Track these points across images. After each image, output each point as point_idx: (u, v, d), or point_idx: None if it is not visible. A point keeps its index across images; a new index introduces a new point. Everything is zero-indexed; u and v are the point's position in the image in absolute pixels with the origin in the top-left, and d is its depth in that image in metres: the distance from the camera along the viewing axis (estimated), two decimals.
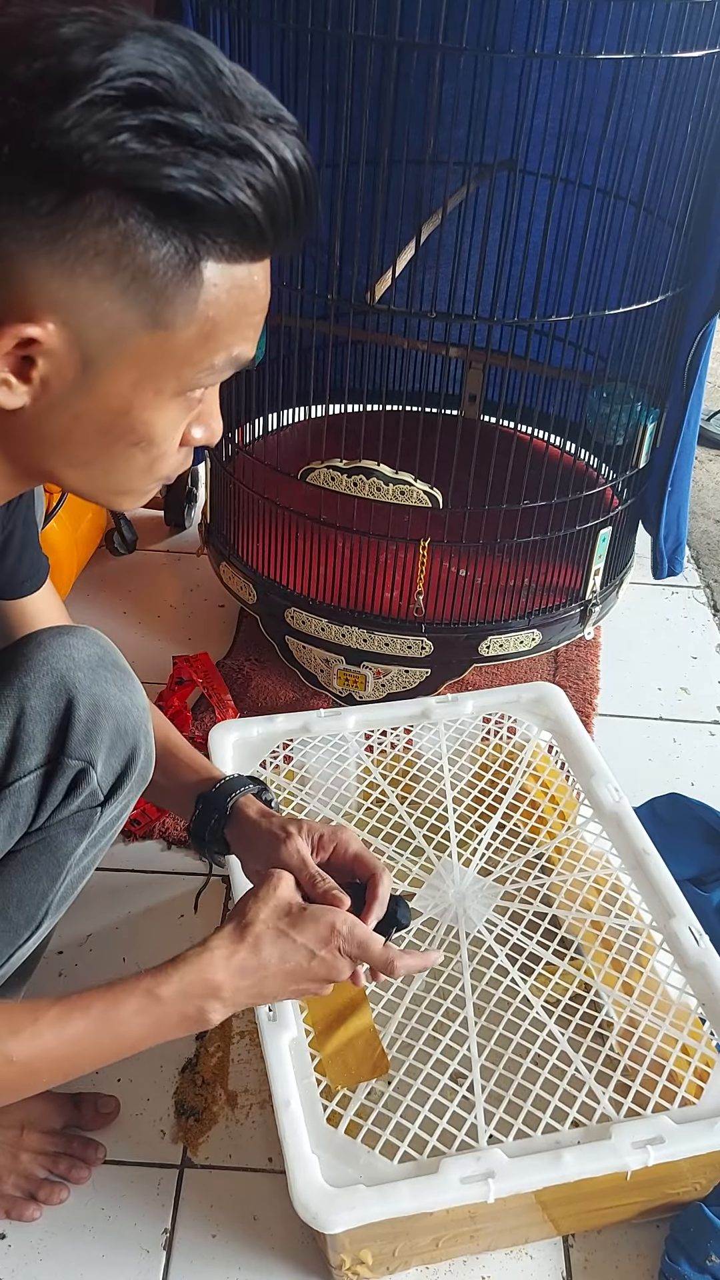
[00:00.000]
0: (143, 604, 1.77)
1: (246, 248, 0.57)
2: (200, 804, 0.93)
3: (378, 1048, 0.96)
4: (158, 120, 0.52)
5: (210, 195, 0.53)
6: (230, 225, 0.55)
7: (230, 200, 0.54)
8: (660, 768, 1.53)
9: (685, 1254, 0.95)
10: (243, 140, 0.54)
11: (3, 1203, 0.97)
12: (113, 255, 0.54)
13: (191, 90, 0.53)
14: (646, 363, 1.45)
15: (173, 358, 0.59)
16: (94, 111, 0.51)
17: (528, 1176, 0.84)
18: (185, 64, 0.53)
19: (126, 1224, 0.98)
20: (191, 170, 0.53)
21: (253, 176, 0.54)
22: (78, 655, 0.81)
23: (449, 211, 1.34)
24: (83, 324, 0.56)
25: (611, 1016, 0.99)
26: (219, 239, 0.56)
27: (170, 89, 0.52)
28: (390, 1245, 0.90)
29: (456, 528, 1.42)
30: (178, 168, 0.52)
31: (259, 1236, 0.98)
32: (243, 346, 0.61)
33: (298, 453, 1.55)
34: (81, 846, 0.85)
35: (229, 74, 0.55)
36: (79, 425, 0.60)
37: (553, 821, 1.18)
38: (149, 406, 0.61)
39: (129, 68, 0.51)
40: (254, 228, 0.56)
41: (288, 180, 0.56)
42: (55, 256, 0.54)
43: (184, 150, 0.52)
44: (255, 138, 0.54)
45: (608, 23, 1.16)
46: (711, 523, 2.17)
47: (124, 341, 0.57)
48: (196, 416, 0.65)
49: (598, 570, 1.53)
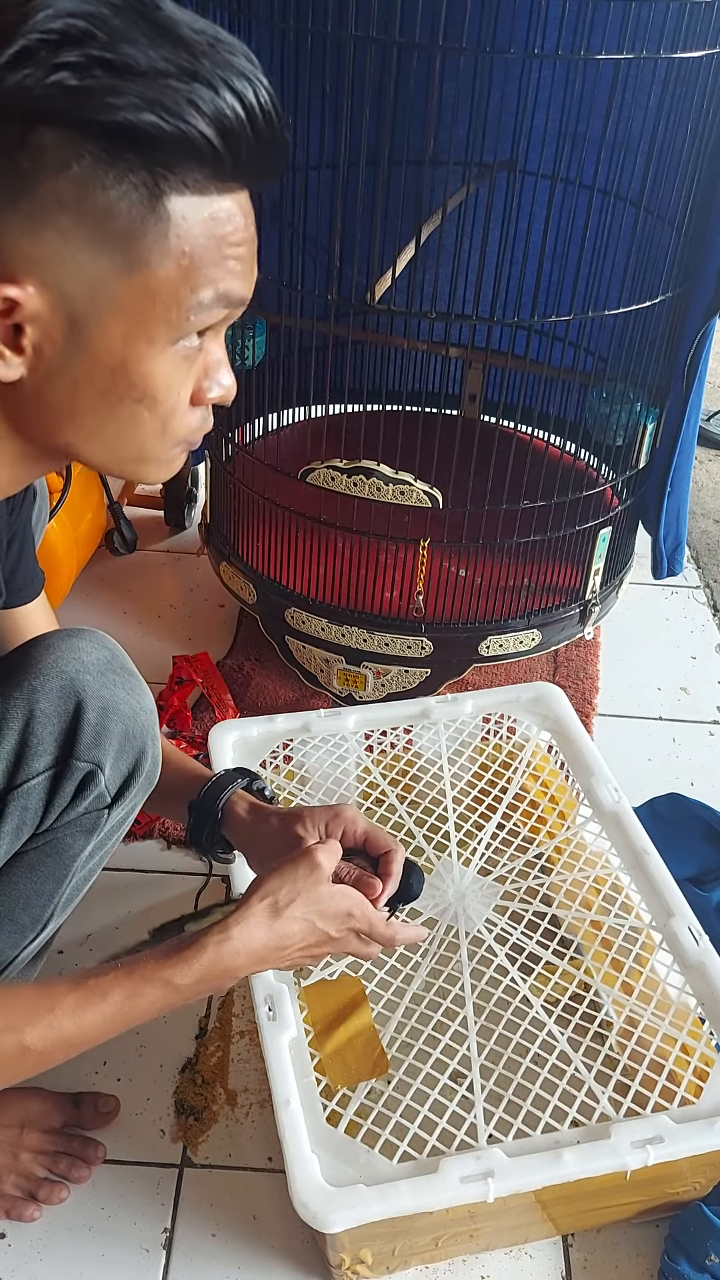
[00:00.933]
0: (143, 604, 1.77)
1: (208, 175, 0.56)
2: (192, 811, 0.93)
3: (377, 1047, 0.96)
4: (92, 55, 0.51)
5: (155, 119, 0.52)
6: (183, 151, 0.54)
7: (178, 125, 0.53)
8: (660, 768, 1.53)
9: (685, 1253, 0.95)
10: (183, 64, 0.53)
11: (3, 1202, 0.97)
12: (74, 202, 0.54)
13: (125, 24, 0.52)
14: (646, 363, 1.45)
15: (157, 301, 0.57)
16: (29, 57, 0.50)
17: (527, 1176, 0.84)
18: (120, 12, 0.52)
19: (126, 1223, 0.98)
20: (133, 98, 0.52)
21: (197, 97, 0.53)
22: (87, 659, 0.81)
23: (449, 211, 1.34)
24: (61, 281, 0.55)
25: (611, 1016, 0.99)
26: (176, 169, 0.54)
27: (104, 25, 0.51)
28: (390, 1244, 0.91)
29: (456, 528, 1.42)
30: (118, 96, 0.51)
31: (259, 1236, 0.98)
32: (230, 281, 0.60)
33: (298, 453, 1.55)
34: (88, 848, 0.86)
35: (164, 5, 0.54)
36: (80, 391, 0.60)
37: (552, 821, 1.18)
38: (144, 357, 0.59)
39: (58, 9, 0.50)
40: (209, 151, 0.54)
41: (238, 99, 0.54)
42: (21, 213, 0.53)
43: (122, 80, 0.51)
44: (196, 59, 0.53)
45: (608, 23, 1.16)
46: (711, 523, 2.17)
47: (104, 292, 0.56)
48: (204, 371, 0.63)
49: (597, 570, 1.53)
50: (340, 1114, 0.89)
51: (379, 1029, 0.97)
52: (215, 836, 0.93)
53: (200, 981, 0.75)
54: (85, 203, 0.54)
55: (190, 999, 0.76)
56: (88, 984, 0.73)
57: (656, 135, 1.28)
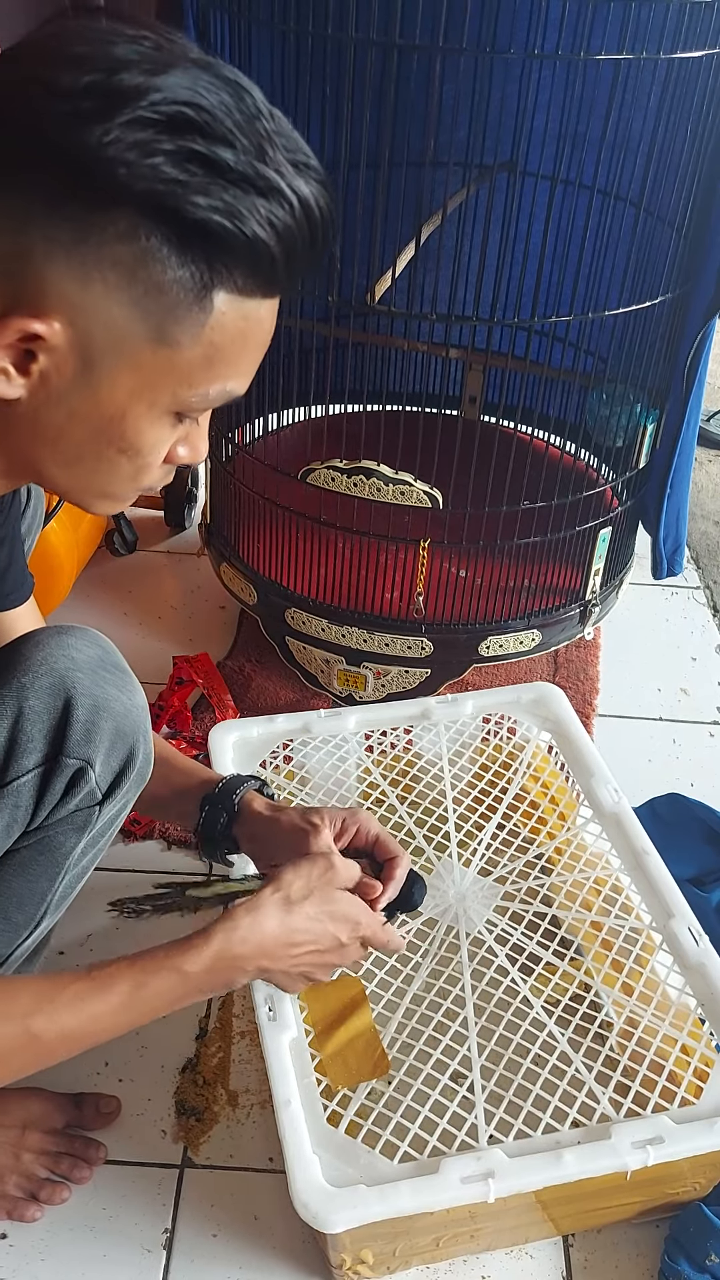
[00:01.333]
0: (143, 605, 1.77)
1: (259, 283, 0.60)
2: (206, 805, 0.95)
3: (378, 1048, 0.96)
4: (193, 149, 0.54)
5: (231, 227, 0.56)
6: (246, 259, 0.57)
7: (250, 235, 0.56)
8: (660, 768, 1.53)
9: (685, 1253, 0.95)
10: (270, 180, 0.56)
11: (4, 1203, 0.97)
12: (130, 268, 0.56)
13: (229, 125, 0.55)
14: (646, 363, 1.45)
15: (171, 375, 0.61)
16: (134, 131, 0.53)
17: (528, 1176, 0.84)
18: (227, 100, 0.55)
19: (127, 1223, 0.98)
20: (217, 201, 0.55)
21: (274, 215, 0.57)
22: (78, 655, 0.81)
23: (449, 213, 1.34)
24: (90, 327, 0.57)
25: (611, 1017, 0.99)
26: (234, 271, 0.58)
27: (209, 122, 0.54)
28: (391, 1245, 0.91)
29: (456, 528, 1.42)
30: (205, 197, 0.55)
31: (259, 1236, 0.98)
32: (237, 381, 0.64)
33: (298, 453, 1.55)
34: (80, 846, 0.86)
35: (266, 114, 0.57)
36: (72, 424, 0.62)
37: (553, 822, 1.18)
38: (142, 417, 0.62)
39: (174, 95, 0.53)
40: (268, 264, 0.58)
41: (307, 223, 0.59)
42: (75, 259, 0.55)
43: (213, 181, 0.55)
44: (282, 178, 0.57)
45: (608, 23, 1.16)
46: (711, 524, 2.17)
47: (127, 350, 0.59)
48: (185, 437, 0.67)
49: (597, 571, 1.53)
50: (341, 1114, 0.90)
51: (379, 1029, 0.97)
52: (226, 833, 0.94)
53: (209, 971, 0.76)
54: (140, 272, 0.56)
55: (199, 991, 0.77)
56: (95, 975, 0.74)
57: (656, 136, 1.28)
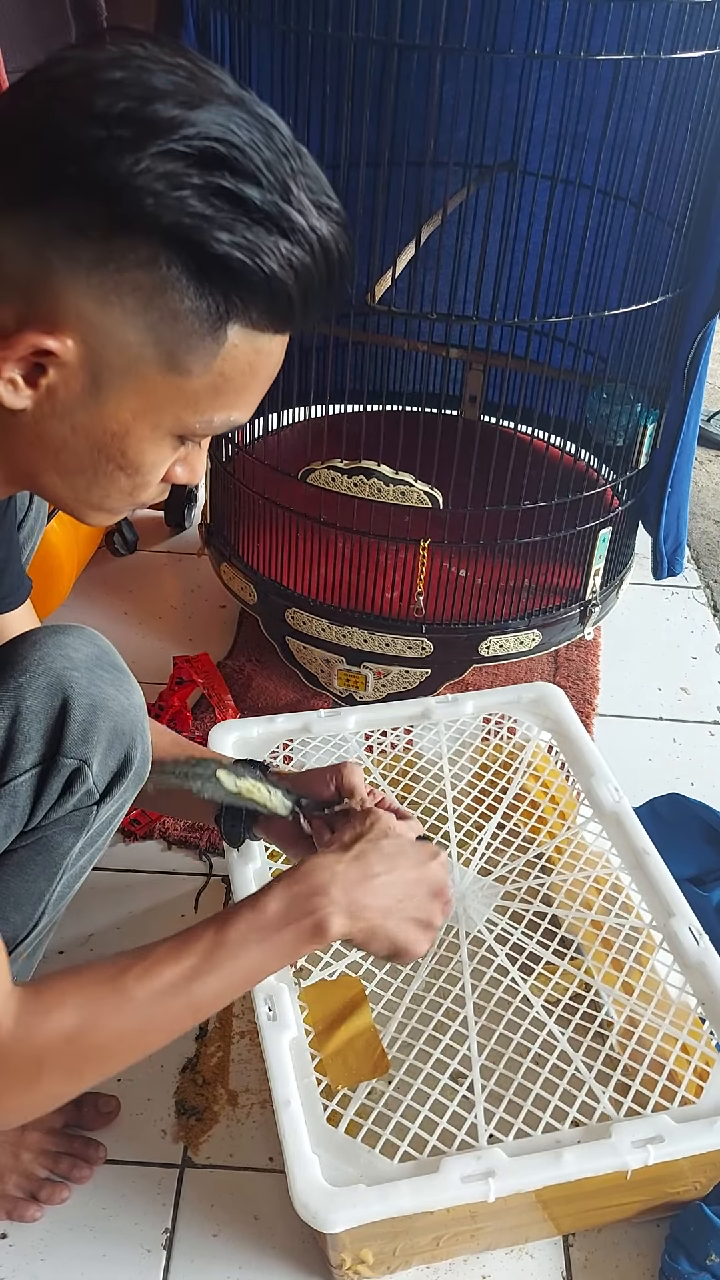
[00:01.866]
0: (143, 605, 1.77)
1: (274, 319, 0.60)
2: None
3: (378, 1047, 0.96)
4: (220, 185, 0.55)
5: (251, 264, 0.57)
6: (264, 296, 0.58)
7: (269, 272, 0.57)
8: (660, 768, 1.53)
9: (685, 1253, 0.95)
10: (292, 220, 0.57)
11: (4, 1203, 0.97)
12: (148, 295, 0.57)
13: (258, 163, 0.56)
14: (646, 363, 1.45)
15: (178, 401, 0.62)
16: (165, 162, 0.54)
17: (528, 1175, 0.84)
18: (258, 138, 0.56)
19: (127, 1223, 0.98)
20: (240, 238, 0.56)
21: (294, 256, 0.58)
22: (75, 655, 0.81)
23: (449, 213, 1.34)
24: (102, 348, 0.58)
25: (611, 1016, 0.99)
26: (250, 306, 0.59)
27: (239, 158, 0.55)
28: (391, 1244, 0.91)
29: (457, 528, 1.42)
30: (228, 233, 0.56)
31: (260, 1236, 0.98)
32: (241, 411, 0.65)
33: (298, 453, 1.55)
34: (78, 846, 0.86)
35: (293, 152, 0.58)
36: (75, 437, 0.62)
37: (553, 821, 1.18)
38: (145, 438, 0.63)
39: (206, 131, 0.54)
40: (285, 303, 0.59)
41: (326, 265, 0.60)
42: (94, 280, 0.56)
43: (238, 218, 0.56)
44: (304, 219, 0.58)
45: (608, 23, 1.16)
46: (711, 523, 2.17)
47: (137, 373, 0.60)
48: (184, 458, 0.68)
49: (598, 570, 1.53)
50: (341, 1114, 0.89)
51: (379, 1029, 0.97)
52: (251, 812, 0.95)
53: (289, 902, 0.75)
54: (158, 299, 0.57)
55: (291, 935, 0.75)
56: (174, 937, 0.74)
57: (656, 135, 1.28)
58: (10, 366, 0.58)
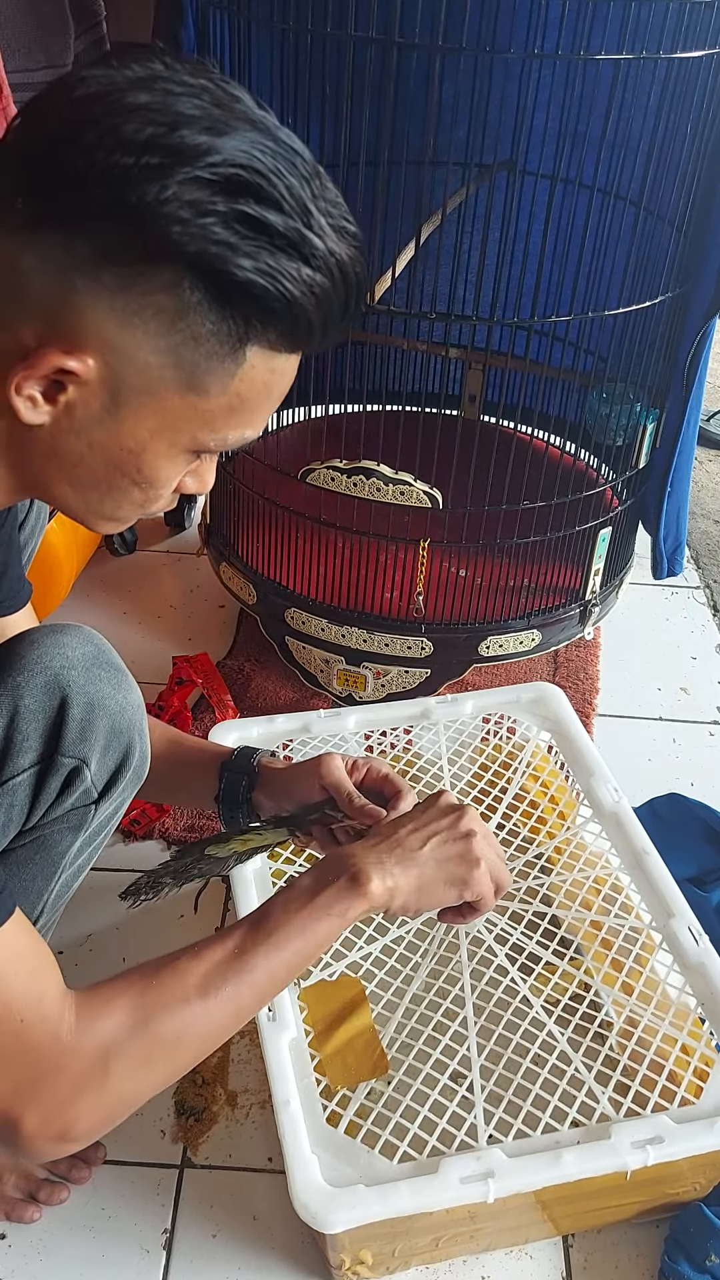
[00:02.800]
0: (143, 604, 1.77)
1: (292, 341, 0.61)
2: (225, 773, 0.96)
3: (377, 1047, 0.96)
4: (245, 211, 0.56)
5: (274, 290, 0.58)
6: (284, 320, 0.59)
7: (290, 298, 0.58)
8: (660, 768, 1.53)
9: (685, 1253, 0.95)
10: (313, 246, 0.58)
11: (3, 1204, 0.97)
12: (170, 319, 0.58)
13: (280, 190, 0.57)
14: (646, 363, 1.45)
15: (195, 420, 0.62)
16: (191, 190, 0.55)
17: (527, 1176, 0.84)
18: (281, 164, 0.57)
19: (127, 1224, 0.98)
20: (263, 265, 0.57)
21: (314, 281, 0.59)
22: (72, 654, 0.81)
23: (449, 212, 1.34)
24: (123, 368, 0.59)
25: (611, 1016, 0.99)
26: (270, 328, 0.60)
27: (262, 185, 0.56)
28: (390, 1245, 0.91)
29: (456, 528, 1.42)
30: (251, 259, 0.56)
31: (259, 1236, 0.98)
32: (255, 428, 0.66)
33: (298, 453, 1.55)
34: (76, 845, 0.86)
35: (313, 178, 0.59)
36: (92, 453, 0.63)
37: (552, 821, 1.18)
38: (160, 455, 0.64)
39: (231, 158, 0.55)
40: (304, 326, 0.60)
41: (345, 290, 0.61)
42: (117, 304, 0.57)
43: (260, 245, 0.57)
44: (324, 243, 0.59)
45: (608, 23, 1.16)
46: (711, 523, 2.17)
47: (156, 393, 0.60)
48: (194, 469, 0.69)
49: (597, 570, 1.53)
50: (340, 1114, 0.89)
51: (379, 1029, 0.97)
52: (247, 797, 0.96)
53: (321, 873, 0.77)
54: (180, 322, 0.58)
55: (331, 897, 0.76)
56: (218, 934, 0.74)
57: (656, 135, 1.28)
58: (31, 384, 0.59)
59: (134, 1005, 0.69)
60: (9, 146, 0.58)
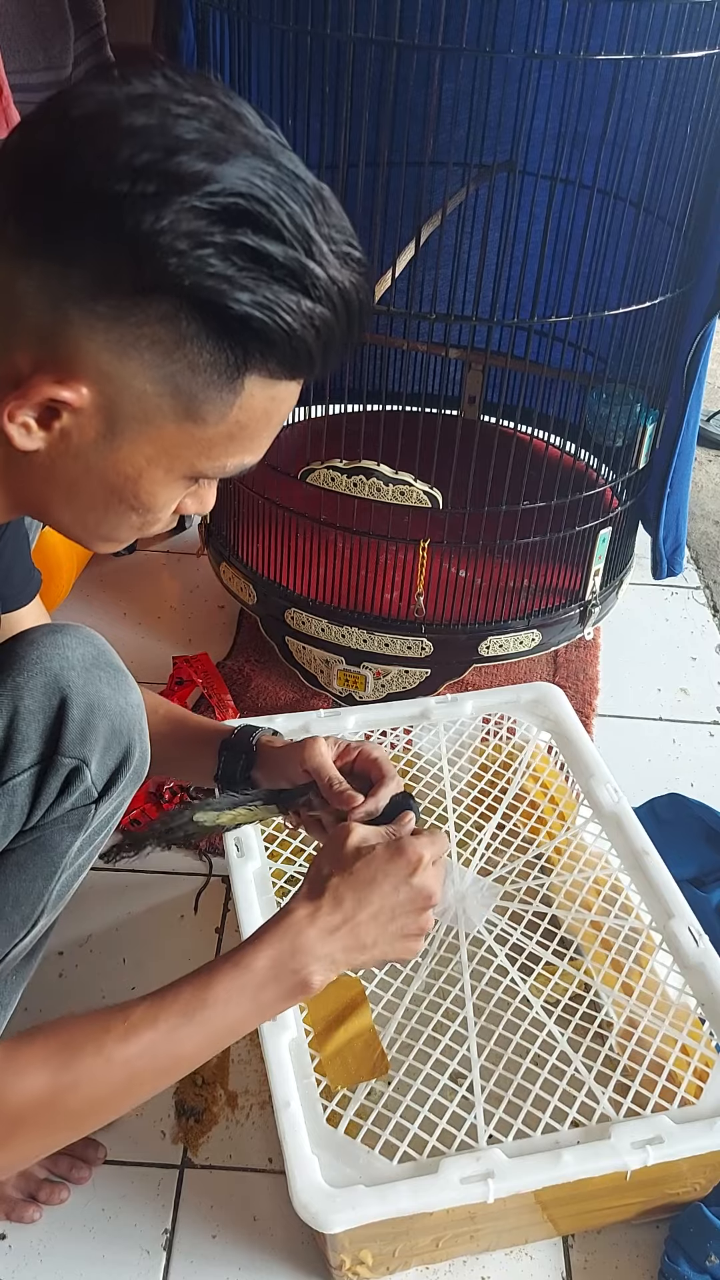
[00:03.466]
0: (143, 605, 1.77)
1: (292, 370, 0.61)
2: (225, 751, 0.95)
3: (377, 1048, 0.96)
4: (243, 242, 0.55)
5: (272, 323, 0.57)
6: (283, 351, 0.58)
7: (288, 330, 0.57)
8: (660, 768, 1.53)
9: (685, 1254, 0.95)
10: (314, 276, 0.57)
11: (3, 1205, 0.97)
12: (166, 350, 0.57)
13: (281, 218, 0.55)
14: (646, 363, 1.45)
15: (193, 448, 0.62)
16: (187, 220, 0.53)
17: (527, 1176, 0.84)
18: (283, 192, 0.55)
19: (127, 1224, 0.98)
20: (260, 297, 0.56)
21: (315, 312, 0.58)
22: (71, 655, 0.81)
23: (449, 213, 1.34)
24: (119, 397, 0.58)
25: (611, 1016, 0.99)
26: (269, 359, 0.59)
27: (262, 214, 0.55)
28: (390, 1245, 0.91)
29: (456, 528, 1.42)
30: (248, 292, 0.55)
31: (259, 1237, 0.98)
32: (254, 455, 0.65)
33: (298, 453, 1.55)
34: (76, 845, 0.86)
35: (315, 202, 0.58)
36: (88, 477, 0.63)
37: (552, 822, 1.18)
38: (158, 482, 0.63)
39: (231, 187, 0.54)
40: (304, 358, 0.59)
41: (347, 319, 0.60)
42: (113, 335, 0.56)
43: (259, 276, 0.55)
44: (325, 271, 0.57)
45: (607, 23, 1.16)
46: (711, 524, 2.17)
47: (153, 422, 0.60)
48: (194, 492, 0.68)
49: (597, 571, 1.53)
50: (340, 1115, 0.89)
51: (379, 1030, 0.97)
52: (245, 775, 0.95)
53: (274, 964, 0.74)
54: (176, 353, 0.57)
55: (274, 992, 0.74)
56: (158, 993, 0.72)
57: (656, 135, 1.28)
58: (24, 412, 0.58)
59: (55, 1077, 0.68)
60: (3, 163, 0.56)
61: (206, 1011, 0.72)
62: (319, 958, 0.75)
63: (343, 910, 0.77)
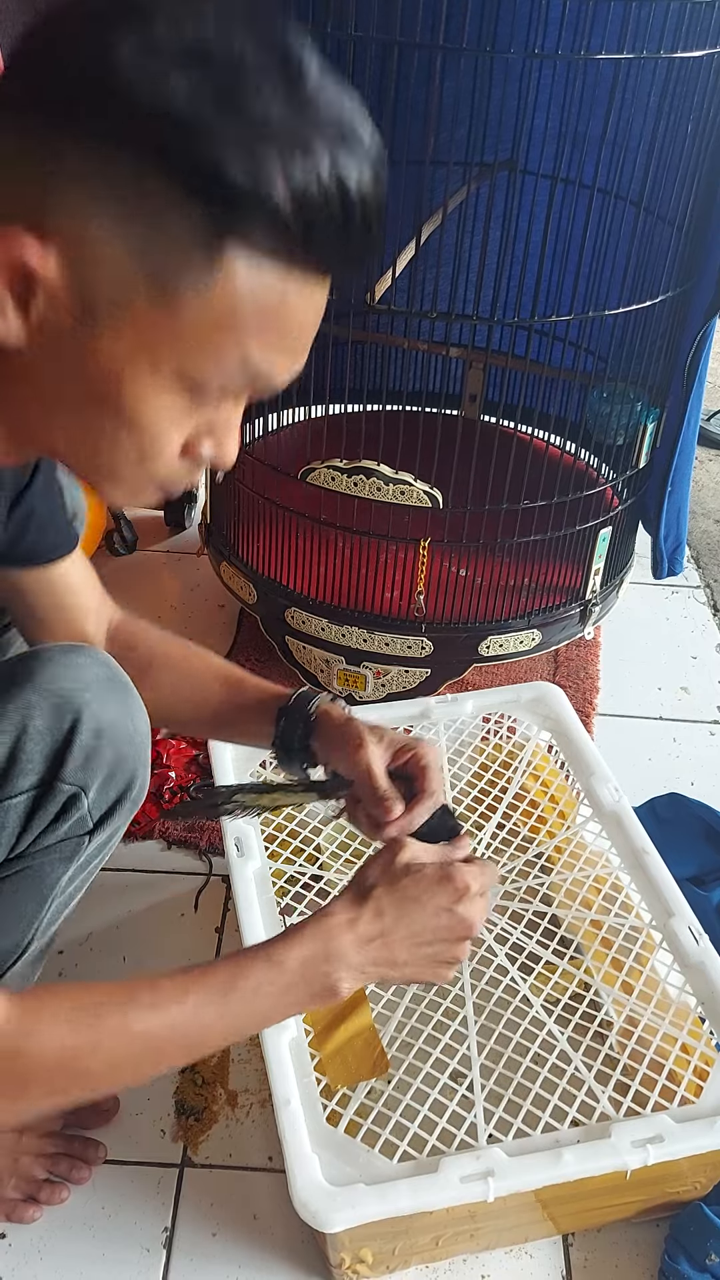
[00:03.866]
0: (143, 604, 1.77)
1: (279, 251, 0.53)
2: (283, 717, 0.90)
3: (377, 1047, 0.96)
4: (217, 85, 0.49)
5: (243, 177, 0.50)
6: (259, 217, 0.52)
7: (257, 184, 0.50)
8: (660, 768, 1.53)
9: (685, 1253, 0.95)
10: (294, 126, 0.51)
11: (3, 1206, 0.97)
12: (134, 203, 0.51)
13: (256, 67, 0.50)
14: (647, 363, 1.45)
15: (175, 335, 0.55)
16: (155, 59, 0.49)
17: (527, 1175, 0.84)
18: (261, 48, 0.51)
19: (127, 1223, 0.98)
20: (228, 146, 0.50)
21: (292, 163, 0.51)
22: (85, 675, 0.80)
23: (449, 212, 1.34)
24: (86, 267, 0.53)
25: (611, 1015, 0.99)
26: (249, 229, 0.52)
27: (227, 56, 0.50)
28: (390, 1244, 0.91)
29: (456, 528, 1.42)
30: (212, 139, 0.50)
31: (259, 1235, 0.98)
32: (263, 363, 0.57)
33: (298, 453, 1.55)
34: (67, 875, 0.85)
35: (314, 76, 0.52)
36: (69, 386, 0.57)
37: (552, 821, 1.18)
38: (141, 382, 0.56)
39: (205, 31, 0.50)
40: (283, 229, 0.52)
41: (339, 199, 0.53)
42: (82, 190, 0.51)
43: (225, 120, 0.50)
44: (312, 128, 0.52)
45: (608, 23, 1.16)
46: (711, 523, 2.17)
47: (126, 299, 0.53)
48: (208, 427, 0.61)
49: (598, 570, 1.53)
50: (340, 1114, 0.89)
51: (379, 1029, 0.97)
52: (305, 743, 0.89)
53: (306, 963, 0.72)
54: (145, 206, 0.51)
55: (304, 991, 0.72)
56: (190, 971, 0.70)
57: (656, 135, 1.28)
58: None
59: (77, 1036, 0.65)
60: None
61: (234, 996, 0.70)
62: (350, 965, 0.73)
63: (381, 923, 0.74)
